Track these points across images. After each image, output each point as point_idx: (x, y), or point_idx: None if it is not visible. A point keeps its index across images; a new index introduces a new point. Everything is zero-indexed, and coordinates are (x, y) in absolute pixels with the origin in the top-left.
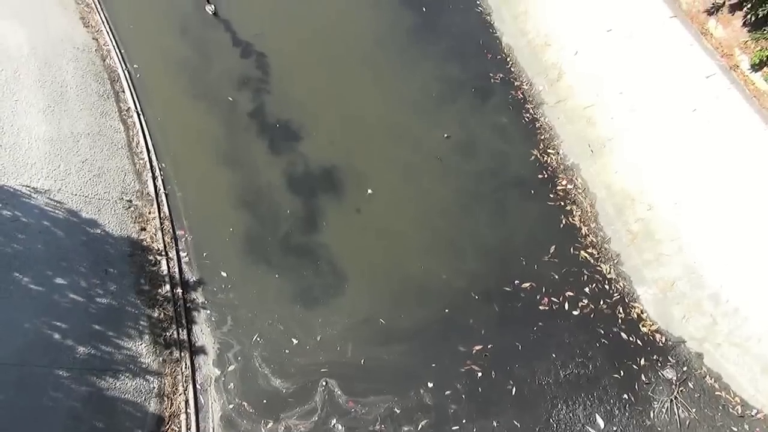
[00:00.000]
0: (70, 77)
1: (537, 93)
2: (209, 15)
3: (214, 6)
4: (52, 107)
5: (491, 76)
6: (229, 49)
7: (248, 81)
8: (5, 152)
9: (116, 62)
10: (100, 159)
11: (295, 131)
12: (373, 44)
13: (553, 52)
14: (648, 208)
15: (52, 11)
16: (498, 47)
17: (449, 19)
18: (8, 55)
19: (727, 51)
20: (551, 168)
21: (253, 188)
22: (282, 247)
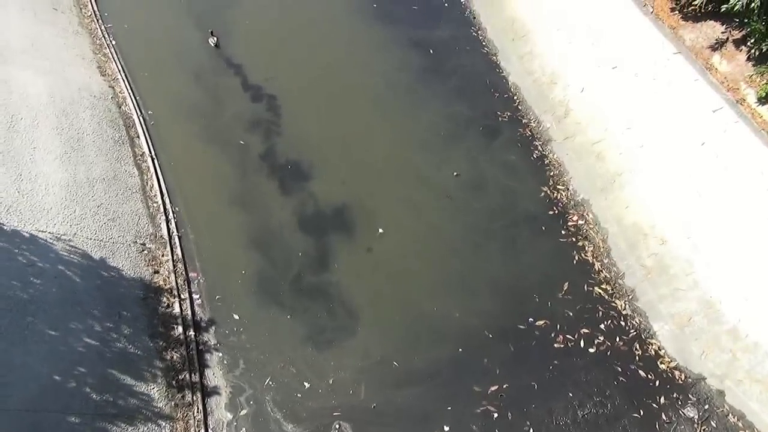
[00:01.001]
0: (87, 124)
1: (545, 130)
2: (212, 46)
3: (216, 39)
4: (68, 153)
5: (499, 115)
6: (241, 93)
7: (259, 123)
8: (23, 198)
9: (131, 109)
10: (115, 203)
11: (306, 171)
12: (382, 85)
13: (559, 90)
14: (661, 242)
15: (71, 61)
16: (505, 86)
17: (456, 59)
18: (28, 104)
19: (732, 85)
20: (562, 204)
21: (265, 229)
22: (294, 288)
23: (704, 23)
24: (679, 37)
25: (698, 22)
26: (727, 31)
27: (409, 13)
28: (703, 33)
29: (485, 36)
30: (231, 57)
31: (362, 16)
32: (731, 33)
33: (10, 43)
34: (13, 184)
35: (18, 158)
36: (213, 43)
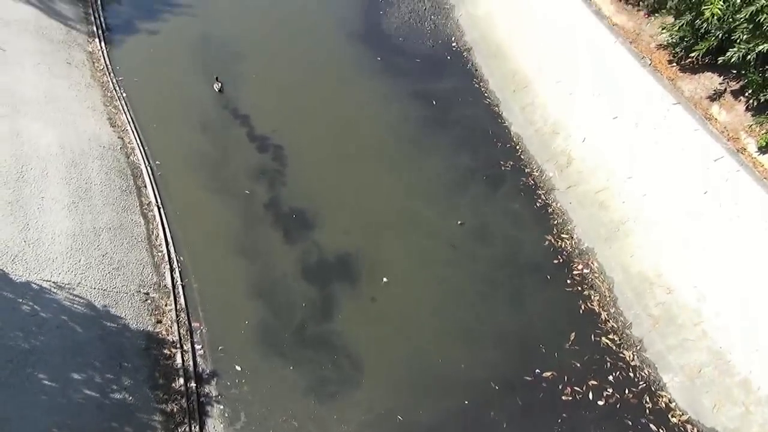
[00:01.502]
0: (95, 174)
1: (547, 179)
2: (216, 92)
3: (221, 84)
4: (76, 203)
5: (501, 164)
6: (247, 143)
7: (265, 173)
8: (29, 248)
9: (140, 159)
10: (120, 252)
11: (310, 221)
12: (385, 135)
13: (561, 140)
14: (667, 291)
15: (82, 113)
16: (507, 136)
17: (458, 110)
18: (38, 155)
19: (732, 135)
20: (566, 253)
21: (268, 279)
22: (297, 338)
23: (702, 75)
24: (677, 89)
25: (696, 74)
26: (724, 82)
27: (413, 65)
28: (701, 84)
29: (487, 88)
30: (238, 108)
31: (367, 69)
32: (729, 84)
33: (24, 96)
34: (20, 234)
35: (26, 208)
36: (217, 88)
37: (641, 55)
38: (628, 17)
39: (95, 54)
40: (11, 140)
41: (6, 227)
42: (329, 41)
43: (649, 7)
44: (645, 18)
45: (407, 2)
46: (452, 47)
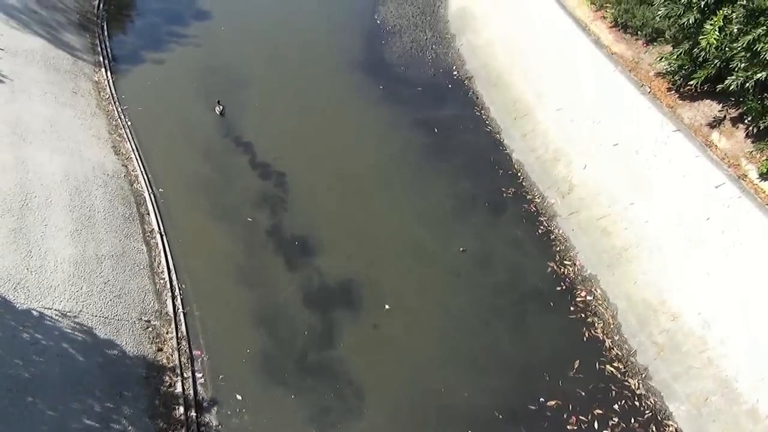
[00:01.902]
0: (99, 202)
1: (549, 206)
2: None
3: (222, 107)
4: (79, 230)
5: (503, 191)
6: (249, 171)
7: (267, 200)
8: (31, 275)
9: (143, 187)
10: (122, 280)
11: (313, 247)
12: (387, 162)
13: (562, 166)
14: (672, 318)
15: (87, 141)
16: (508, 163)
17: (460, 138)
18: (42, 183)
19: (733, 161)
20: (569, 279)
21: (270, 306)
22: (298, 366)
23: (701, 102)
24: (677, 116)
25: (695, 101)
26: (724, 109)
27: (414, 94)
28: (700, 111)
29: (488, 115)
30: (241, 136)
31: (369, 97)
32: (728, 111)
33: (30, 125)
34: (23, 261)
35: (29, 235)
36: (219, 111)
37: (640, 83)
38: (626, 46)
39: (101, 83)
40: (16, 168)
41: (9, 255)
42: (332, 70)
43: (647, 36)
44: (643, 47)
45: (409, 32)
46: (453, 76)
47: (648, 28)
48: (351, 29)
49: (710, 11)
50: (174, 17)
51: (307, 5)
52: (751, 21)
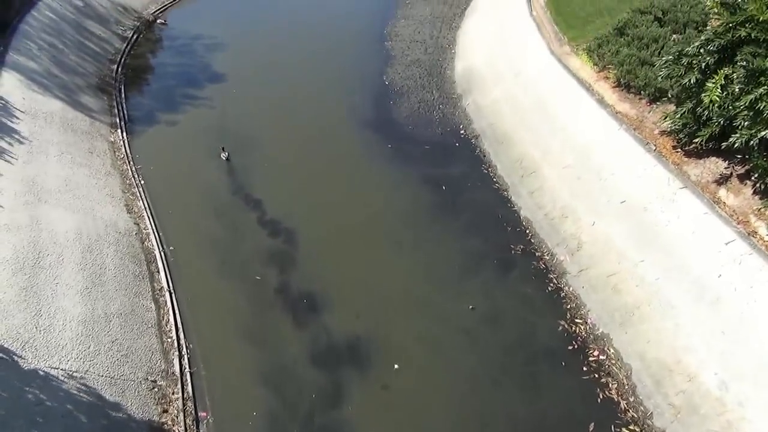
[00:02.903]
0: (110, 260)
1: (559, 263)
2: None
3: (227, 153)
4: (89, 289)
5: (512, 248)
6: (259, 228)
7: (276, 257)
8: (40, 334)
9: (154, 245)
10: (130, 338)
11: (320, 305)
12: (396, 220)
13: (570, 223)
14: (688, 379)
15: (101, 200)
16: (516, 220)
17: (468, 195)
18: (55, 241)
19: (742, 218)
20: (581, 338)
21: (277, 366)
22: (305, 430)
23: (707, 159)
24: (683, 173)
25: (701, 159)
26: (730, 166)
27: (422, 152)
28: (707, 168)
29: (495, 173)
30: (251, 194)
31: (378, 155)
32: (734, 168)
33: (46, 184)
34: (32, 320)
35: (40, 294)
36: (224, 157)
37: (646, 140)
38: (630, 105)
39: (116, 143)
40: (31, 227)
41: (19, 313)
42: (342, 130)
43: (650, 96)
44: (647, 106)
45: (416, 92)
46: (460, 134)
47: (651, 87)
48: (360, 90)
49: (711, 71)
50: (189, 80)
51: (317, 67)
52: (752, 81)
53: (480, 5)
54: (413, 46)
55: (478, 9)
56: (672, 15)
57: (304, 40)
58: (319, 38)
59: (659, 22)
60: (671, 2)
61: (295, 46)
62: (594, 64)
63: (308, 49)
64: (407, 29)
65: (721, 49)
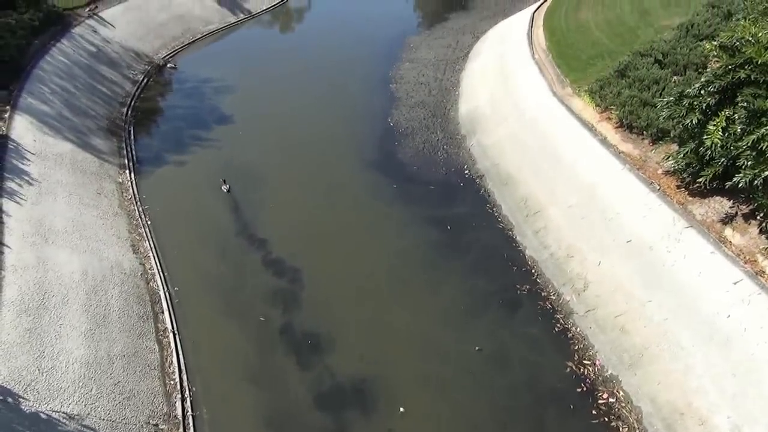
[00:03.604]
0: (115, 300)
1: (565, 303)
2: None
3: (228, 186)
4: (93, 330)
5: (518, 288)
6: (263, 269)
7: (280, 298)
8: (42, 377)
9: (159, 285)
10: (132, 381)
11: (325, 346)
12: (402, 260)
13: (576, 263)
14: (700, 422)
15: (107, 240)
16: (522, 260)
17: (473, 235)
18: (61, 282)
19: (749, 257)
20: (589, 380)
21: (281, 408)
22: None
23: (712, 198)
24: (688, 212)
25: (705, 198)
26: (735, 205)
27: (427, 192)
28: (711, 208)
29: (500, 213)
30: (256, 233)
31: (383, 195)
32: (739, 207)
33: (54, 225)
34: (35, 362)
35: (43, 335)
36: (225, 189)
37: (649, 180)
38: (633, 145)
39: (124, 184)
40: (37, 268)
41: (22, 355)
42: (347, 169)
43: (653, 136)
44: (650, 146)
45: (421, 133)
46: (465, 174)
47: (653, 128)
48: (365, 131)
49: (712, 112)
50: (197, 122)
51: (323, 109)
52: (754, 121)
53: (483, 49)
54: (418, 88)
55: (481, 52)
56: (672, 57)
57: (310, 83)
58: (325, 81)
59: (660, 65)
60: (671, 45)
61: (301, 89)
62: (596, 105)
63: (314, 91)
64: (412, 72)
65: (722, 91)
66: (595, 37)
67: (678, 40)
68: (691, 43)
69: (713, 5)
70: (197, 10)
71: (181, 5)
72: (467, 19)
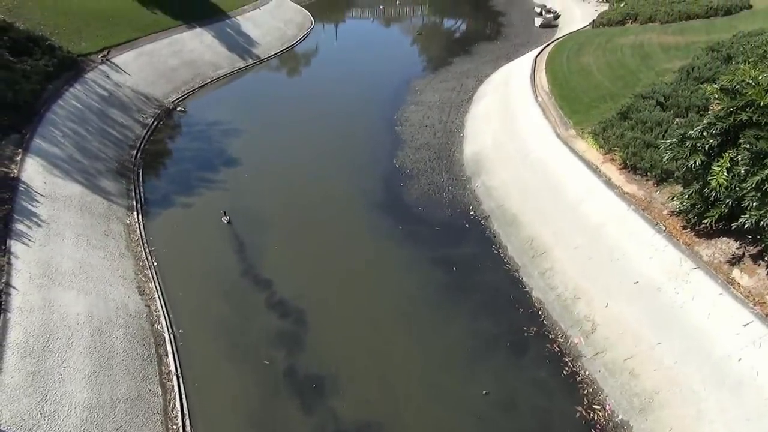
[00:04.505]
0: (119, 343)
1: (573, 346)
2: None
3: (228, 218)
4: (96, 373)
5: (525, 330)
6: (268, 311)
7: (284, 341)
8: (44, 421)
9: (164, 327)
10: (135, 425)
11: (329, 390)
12: (407, 302)
13: (583, 305)
14: None
15: (113, 282)
16: (528, 301)
17: (479, 276)
18: (66, 324)
19: (759, 299)
20: (600, 426)
21: None
22: None
23: (718, 239)
24: (695, 253)
25: (712, 239)
26: (742, 246)
27: (433, 233)
28: (718, 249)
29: (506, 254)
30: (260, 274)
31: (389, 237)
32: (746, 248)
33: (61, 267)
34: (37, 406)
35: (47, 378)
36: (225, 221)
37: (655, 221)
38: (638, 186)
39: (132, 225)
40: (43, 310)
41: (24, 399)
42: (352, 211)
43: (657, 177)
44: (654, 187)
45: (426, 175)
46: (470, 216)
47: (657, 169)
48: (371, 173)
49: (715, 154)
50: (204, 164)
51: (329, 151)
52: (757, 162)
53: (486, 91)
54: (423, 130)
55: (485, 95)
56: (673, 100)
57: (316, 125)
58: (331, 123)
59: (661, 107)
60: (672, 88)
61: (307, 131)
62: (600, 147)
63: (320, 133)
64: (417, 114)
65: (724, 132)
66: (597, 80)
67: (679, 82)
68: (692, 85)
69: (713, 49)
70: (207, 56)
71: (192, 51)
72: (471, 63)
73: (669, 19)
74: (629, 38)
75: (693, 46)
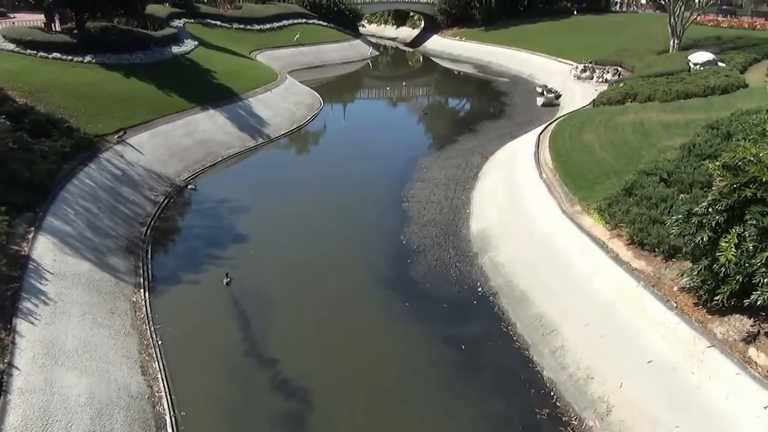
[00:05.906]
0: (119, 425)
1: (588, 429)
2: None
3: (229, 279)
4: None
5: (537, 412)
6: (273, 390)
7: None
8: None
9: (165, 409)
10: None
11: None
12: (414, 382)
13: (596, 385)
14: None
15: (117, 361)
16: (540, 382)
17: (488, 355)
18: (66, 406)
19: None
20: None
21: None
22: None
23: (731, 316)
24: (709, 331)
25: (725, 316)
26: (756, 323)
27: (440, 310)
28: (732, 326)
29: (515, 331)
30: (266, 353)
31: (396, 314)
32: (761, 326)
33: (65, 346)
34: None
35: None
36: (225, 282)
37: (666, 298)
38: (646, 262)
39: (138, 303)
40: (43, 391)
41: None
42: (358, 288)
43: (665, 252)
44: (663, 262)
45: (432, 251)
46: (478, 292)
47: (664, 245)
48: (378, 249)
49: (722, 229)
50: (212, 241)
51: (335, 228)
52: (765, 239)
53: (492, 168)
54: (429, 206)
55: (491, 172)
56: (677, 176)
57: (323, 203)
58: (338, 201)
59: (665, 183)
60: (675, 164)
61: (314, 209)
62: (606, 223)
63: (328, 210)
64: (423, 191)
65: (730, 208)
66: (600, 156)
67: (681, 159)
68: (695, 162)
69: (712, 126)
70: (219, 136)
71: (205, 131)
72: (475, 140)
73: (667, 98)
74: (630, 116)
75: (693, 124)
